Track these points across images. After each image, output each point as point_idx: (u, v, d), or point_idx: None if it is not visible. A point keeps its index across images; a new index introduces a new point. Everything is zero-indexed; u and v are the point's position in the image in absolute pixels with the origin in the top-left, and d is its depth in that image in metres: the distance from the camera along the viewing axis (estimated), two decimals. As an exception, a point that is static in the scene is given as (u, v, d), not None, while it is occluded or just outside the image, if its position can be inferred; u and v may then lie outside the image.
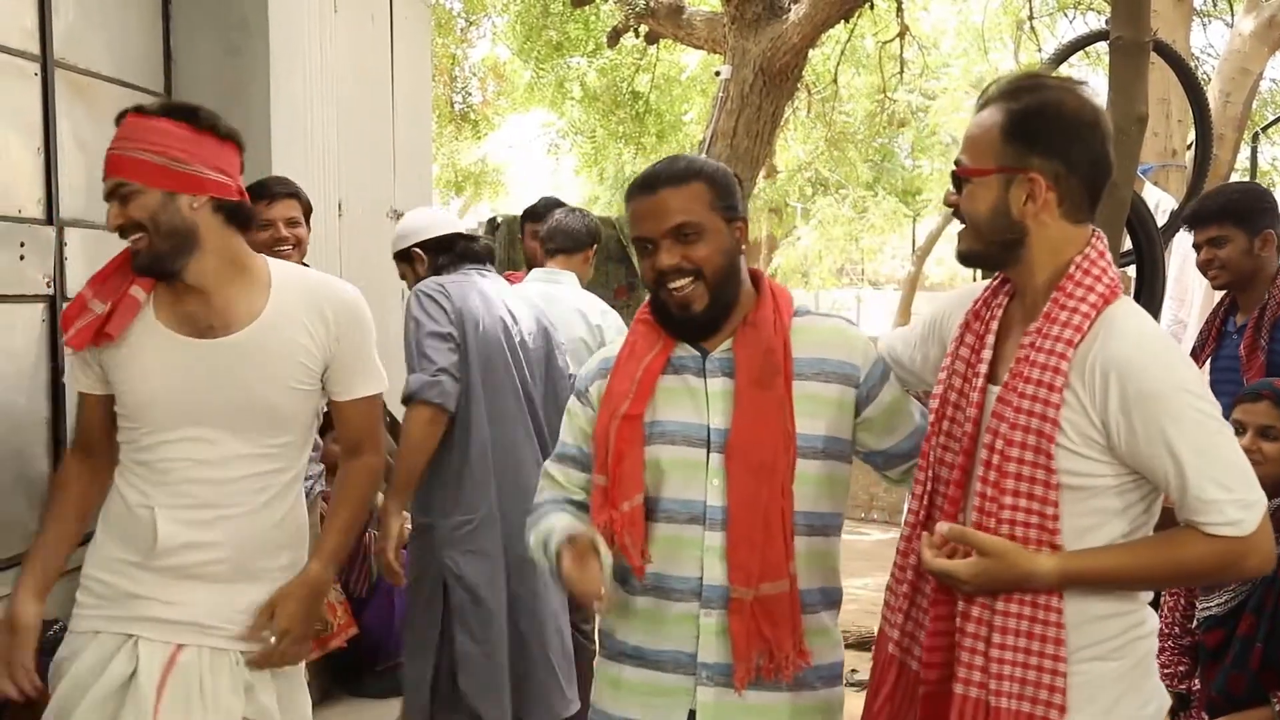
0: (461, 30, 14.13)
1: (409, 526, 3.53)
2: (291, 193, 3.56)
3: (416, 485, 3.37)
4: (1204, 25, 13.07)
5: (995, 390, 1.87)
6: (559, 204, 4.41)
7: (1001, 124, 1.83)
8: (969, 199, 1.88)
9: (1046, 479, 1.79)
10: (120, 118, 2.25)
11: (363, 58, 5.47)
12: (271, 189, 3.51)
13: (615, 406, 2.08)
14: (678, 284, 2.04)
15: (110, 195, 2.22)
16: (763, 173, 10.08)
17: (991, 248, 1.89)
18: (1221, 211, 3.42)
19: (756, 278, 2.16)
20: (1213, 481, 1.72)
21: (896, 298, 17.13)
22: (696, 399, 2.08)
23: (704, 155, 7.11)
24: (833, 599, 2.17)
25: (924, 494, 1.96)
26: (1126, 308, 1.84)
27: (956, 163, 1.91)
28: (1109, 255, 1.87)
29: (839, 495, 2.15)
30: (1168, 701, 1.92)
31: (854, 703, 2.15)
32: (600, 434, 2.10)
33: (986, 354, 1.91)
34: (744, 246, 2.12)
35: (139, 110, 2.24)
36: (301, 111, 4.67)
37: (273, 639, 2.28)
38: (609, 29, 10.22)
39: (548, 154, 15.53)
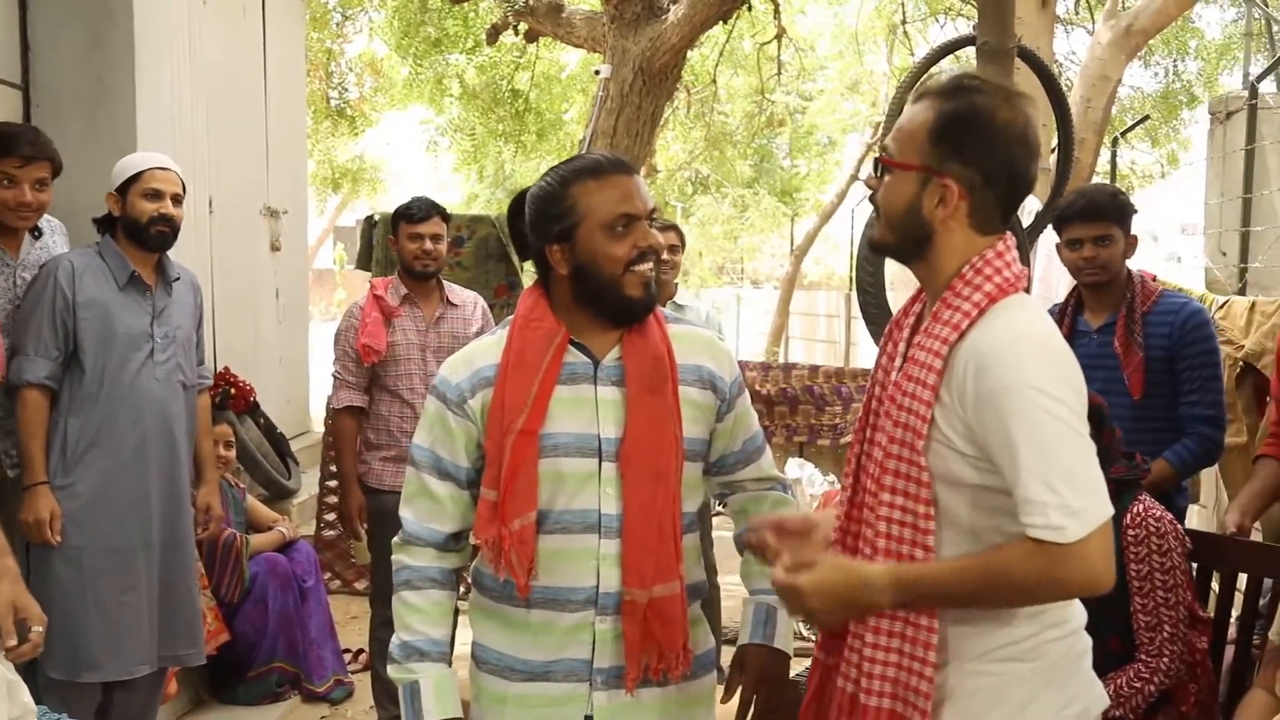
0: (337, 25, 13.88)
1: None
2: (48, 156, 3.27)
3: None
4: (1067, 32, 13.55)
5: None
6: (435, 205, 4.20)
7: (930, 123, 1.81)
8: (887, 189, 1.86)
9: (918, 476, 1.78)
10: None
11: (234, 51, 5.35)
12: (23, 148, 3.20)
13: (509, 420, 2.01)
14: (649, 265, 2.03)
15: None
16: (643, 171, 10.12)
17: (901, 241, 1.88)
18: (1107, 210, 3.38)
19: None
20: (1041, 482, 1.65)
21: (775, 296, 17.35)
22: (586, 408, 2.05)
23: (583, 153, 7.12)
24: (702, 591, 2.22)
25: (845, 500, 1.96)
26: (1007, 304, 1.79)
27: (883, 148, 1.90)
28: (1010, 255, 1.84)
29: (700, 493, 2.21)
30: (1102, 702, 1.89)
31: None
32: (493, 448, 2.03)
33: (899, 361, 1.93)
34: None
35: None
36: (169, 105, 4.55)
37: (38, 632, 2.28)
38: (488, 26, 10.16)
39: (426, 151, 15.34)
